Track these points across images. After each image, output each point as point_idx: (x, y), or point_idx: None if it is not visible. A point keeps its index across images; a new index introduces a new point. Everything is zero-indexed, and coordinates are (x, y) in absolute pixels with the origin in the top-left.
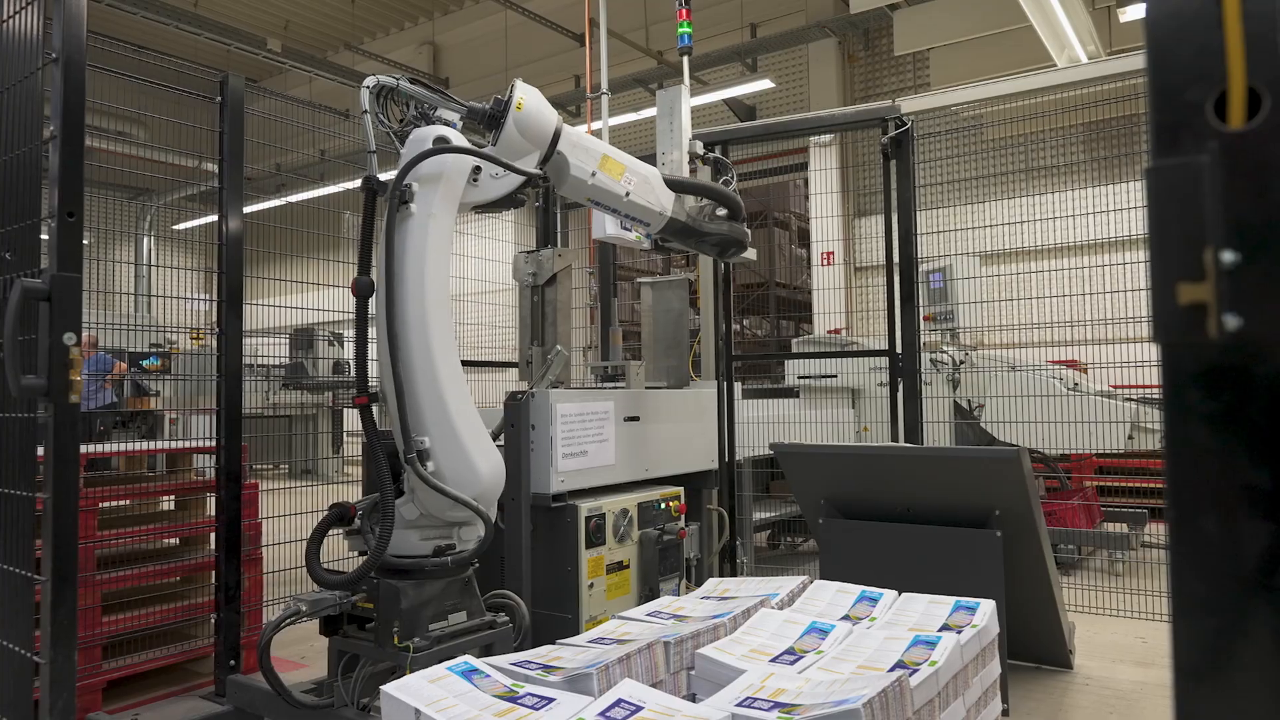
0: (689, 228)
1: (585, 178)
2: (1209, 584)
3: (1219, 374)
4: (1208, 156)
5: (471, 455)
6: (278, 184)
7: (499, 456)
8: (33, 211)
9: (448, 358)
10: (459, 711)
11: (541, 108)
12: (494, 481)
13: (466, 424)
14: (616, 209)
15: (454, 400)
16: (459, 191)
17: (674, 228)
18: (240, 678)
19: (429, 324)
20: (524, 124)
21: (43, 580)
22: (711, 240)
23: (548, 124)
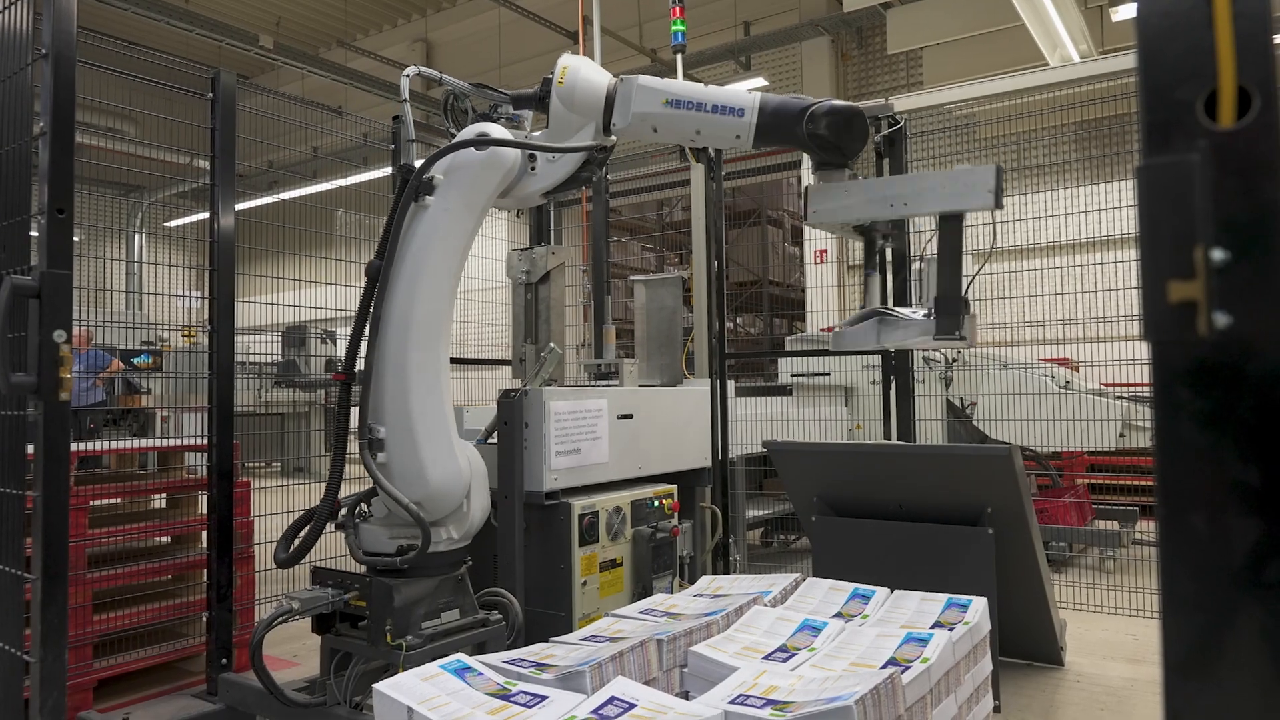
0: (789, 112)
1: (655, 104)
2: (1198, 581)
3: (1209, 372)
4: (1198, 155)
5: (422, 456)
6: (270, 181)
7: (458, 467)
8: (22, 208)
9: (425, 353)
10: (452, 709)
11: (589, 76)
12: (443, 489)
13: (427, 424)
14: (698, 115)
15: (419, 396)
16: (488, 189)
17: (770, 116)
18: (232, 676)
19: (412, 315)
20: (568, 98)
21: (33, 579)
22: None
23: (596, 90)
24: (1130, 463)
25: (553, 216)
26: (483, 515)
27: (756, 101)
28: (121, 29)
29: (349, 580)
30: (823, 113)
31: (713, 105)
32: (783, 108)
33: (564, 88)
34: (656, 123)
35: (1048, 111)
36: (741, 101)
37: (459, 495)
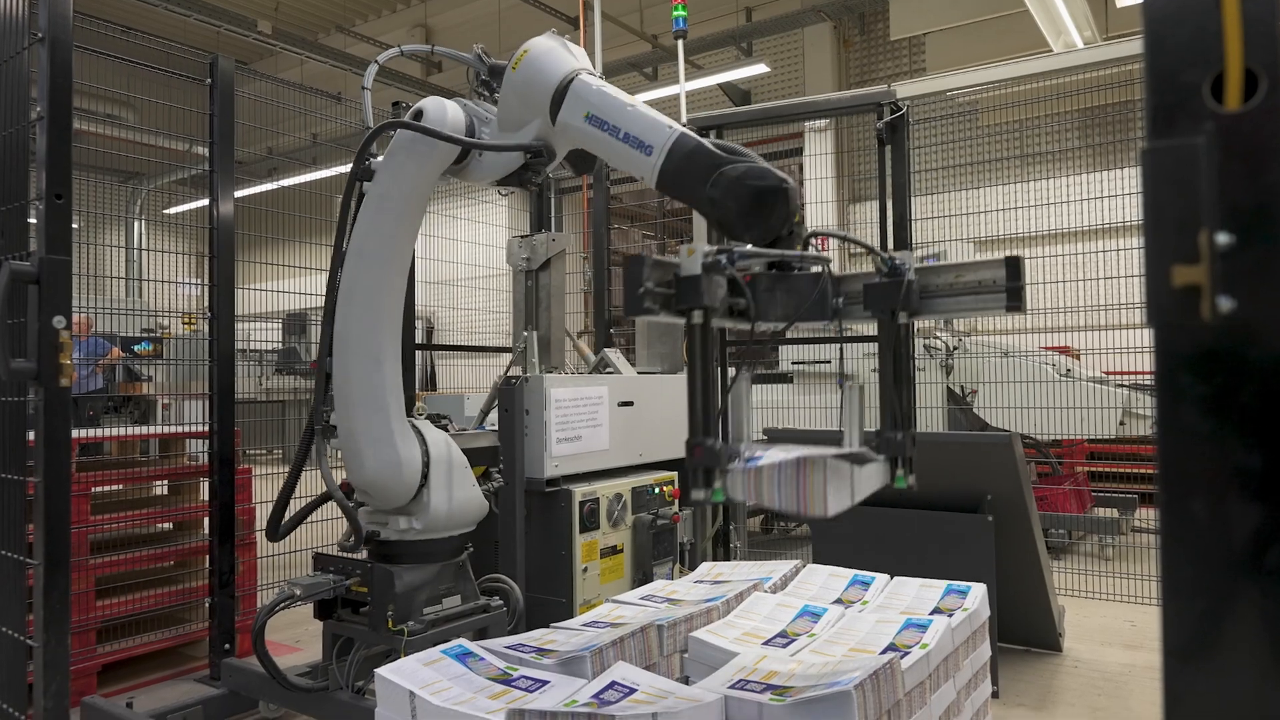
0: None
1: (578, 116)
2: (1199, 566)
3: (1212, 357)
4: (1204, 138)
5: (360, 442)
6: (269, 168)
7: (397, 457)
8: (20, 194)
9: (366, 339)
10: (453, 694)
11: (545, 65)
12: (379, 477)
13: (366, 411)
14: (610, 141)
15: (359, 383)
16: (426, 172)
17: (676, 162)
18: (235, 661)
19: (353, 302)
20: (521, 86)
21: (35, 564)
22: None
23: (547, 84)
24: (1130, 450)
25: (553, 203)
26: (451, 506)
27: (669, 143)
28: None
29: (350, 566)
30: (731, 177)
31: (625, 134)
32: (693, 157)
33: (516, 74)
34: (580, 138)
35: (1051, 98)
36: (654, 138)
37: (400, 485)
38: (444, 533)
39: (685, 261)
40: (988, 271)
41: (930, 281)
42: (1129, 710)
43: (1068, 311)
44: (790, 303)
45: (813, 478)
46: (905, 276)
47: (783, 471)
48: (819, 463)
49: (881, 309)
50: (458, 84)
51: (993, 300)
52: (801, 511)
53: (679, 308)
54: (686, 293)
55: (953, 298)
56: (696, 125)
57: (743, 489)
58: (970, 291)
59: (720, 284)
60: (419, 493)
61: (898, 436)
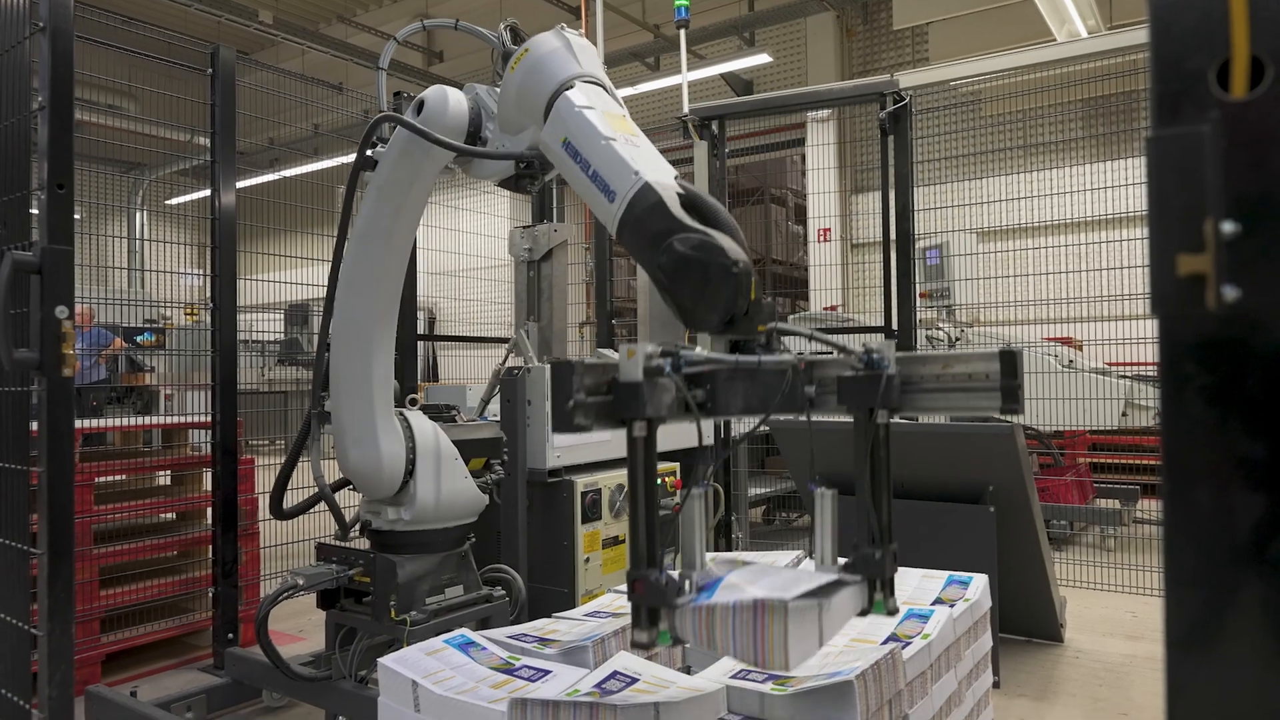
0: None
1: (556, 139)
2: (1202, 556)
3: (1216, 346)
4: (1209, 126)
5: (344, 434)
6: (271, 158)
7: (377, 451)
8: (22, 184)
9: (362, 330)
10: (456, 683)
11: (546, 68)
12: (361, 468)
13: (351, 403)
14: (580, 176)
15: (350, 374)
16: (426, 167)
17: (635, 214)
18: (239, 650)
19: (349, 293)
20: (519, 88)
21: (39, 554)
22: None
23: (544, 90)
24: (1132, 442)
25: (555, 194)
26: (440, 498)
27: (632, 193)
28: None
29: (353, 556)
30: (678, 252)
31: (594, 172)
32: (648, 216)
33: (514, 75)
34: (557, 163)
35: (1055, 88)
36: (618, 183)
37: (380, 478)
38: (434, 524)
39: (624, 365)
40: (980, 364)
41: (914, 372)
42: (1130, 701)
43: (1071, 302)
44: (755, 394)
45: (772, 625)
46: (884, 371)
47: (738, 615)
48: (779, 607)
49: (858, 406)
50: (460, 74)
51: (985, 398)
52: (759, 664)
53: (618, 418)
54: (626, 401)
55: (940, 393)
56: (699, 115)
57: (693, 630)
58: (960, 387)
59: (666, 388)
60: (406, 484)
61: (876, 555)
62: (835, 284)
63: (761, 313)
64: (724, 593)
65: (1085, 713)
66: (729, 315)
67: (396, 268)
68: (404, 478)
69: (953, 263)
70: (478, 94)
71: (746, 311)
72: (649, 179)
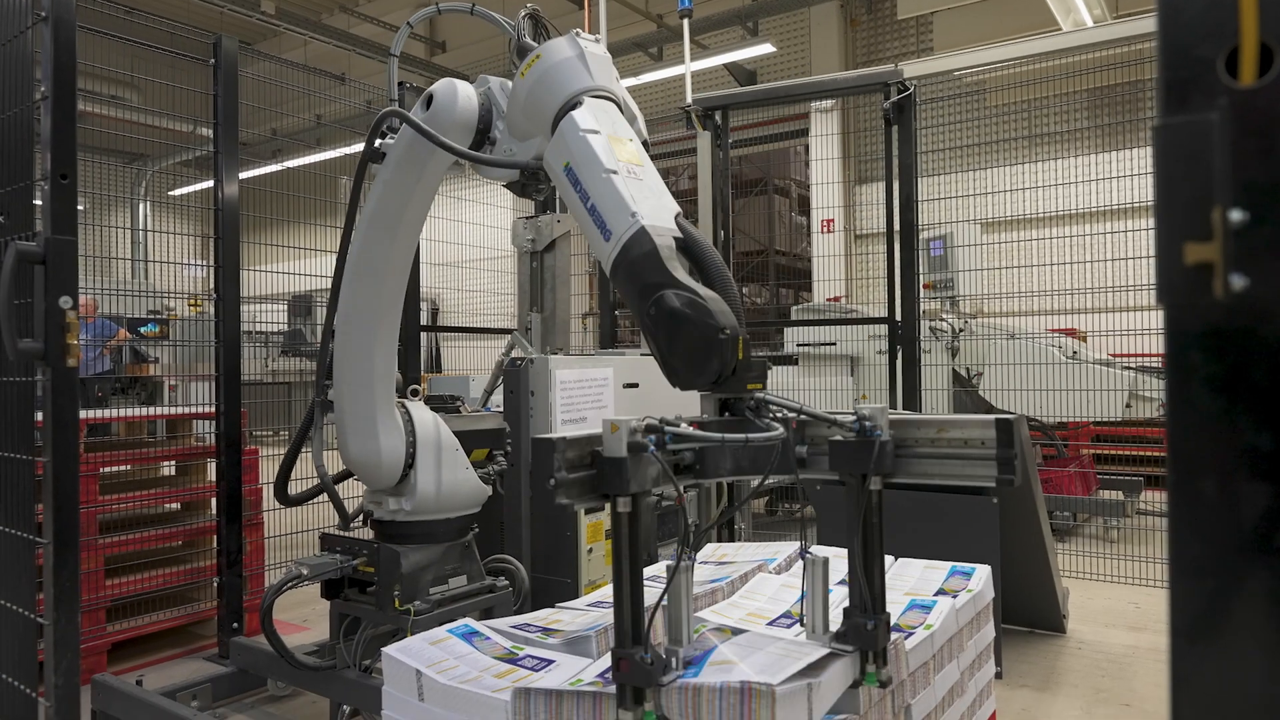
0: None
1: (559, 161)
2: (1208, 546)
3: (1223, 335)
4: (1217, 114)
5: (345, 425)
6: (274, 149)
7: (377, 445)
8: (25, 175)
9: (362, 323)
10: (459, 673)
11: (555, 78)
12: (361, 460)
13: (353, 394)
14: (579, 206)
15: (352, 366)
16: (431, 166)
17: (629, 259)
18: (244, 640)
19: (353, 285)
20: (528, 95)
21: (45, 543)
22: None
23: (554, 100)
24: (1136, 433)
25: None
26: (440, 489)
27: (627, 236)
28: None
29: (357, 546)
30: (667, 308)
31: (592, 205)
32: (640, 265)
33: (524, 81)
34: (558, 185)
35: (1060, 78)
36: (615, 224)
37: (379, 470)
38: (435, 515)
39: (607, 439)
40: (976, 430)
41: (908, 436)
42: (1132, 691)
43: (1075, 294)
44: (745, 456)
45: (759, 710)
46: (877, 438)
47: (725, 697)
48: (765, 693)
49: (850, 472)
50: (463, 64)
51: (981, 467)
52: None
53: (601, 493)
54: (609, 478)
55: (934, 459)
56: (702, 106)
57: (679, 709)
58: (955, 454)
59: (650, 462)
60: (407, 475)
61: (868, 625)
62: (839, 275)
63: (751, 371)
64: (711, 671)
65: (1088, 703)
66: (714, 379)
67: (402, 261)
68: (404, 469)
69: (956, 253)
70: (489, 89)
71: (735, 371)
72: (646, 223)
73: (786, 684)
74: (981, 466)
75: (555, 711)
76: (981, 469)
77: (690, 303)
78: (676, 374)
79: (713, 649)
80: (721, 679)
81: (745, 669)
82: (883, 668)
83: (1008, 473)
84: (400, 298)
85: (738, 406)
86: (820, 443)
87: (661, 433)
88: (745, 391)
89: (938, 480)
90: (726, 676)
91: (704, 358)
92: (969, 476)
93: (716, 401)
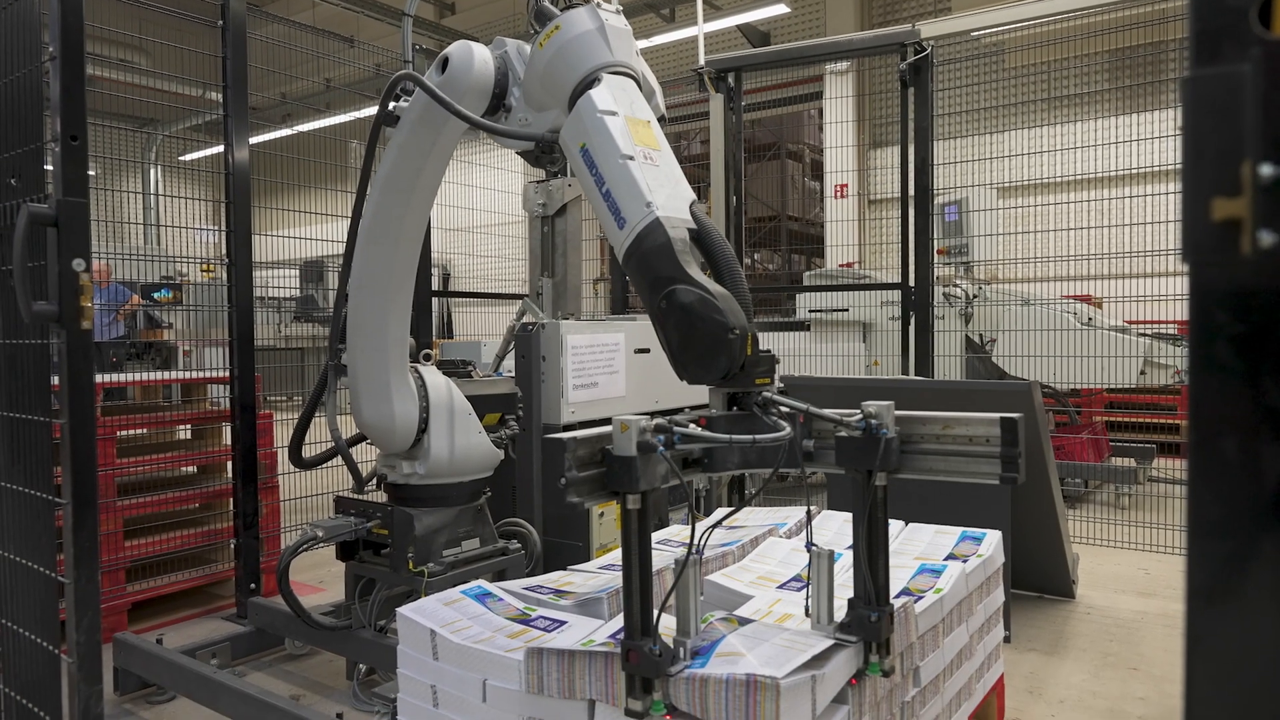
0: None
1: (575, 142)
2: (1227, 507)
3: (1249, 294)
4: (1249, 66)
5: (359, 389)
6: (283, 114)
7: (391, 410)
8: (35, 137)
9: (375, 287)
10: (473, 633)
11: (573, 51)
12: (374, 423)
13: (368, 358)
14: (594, 190)
15: (366, 330)
16: (444, 130)
17: (642, 249)
18: (261, 600)
19: (367, 249)
20: (546, 66)
21: (64, 503)
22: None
23: (573, 74)
24: (1149, 400)
25: None
26: (454, 453)
27: (642, 226)
28: None
29: (371, 509)
30: (679, 303)
31: (607, 191)
32: (653, 257)
33: (543, 52)
34: (573, 165)
35: (1080, 38)
36: (630, 212)
37: (393, 434)
38: (448, 478)
39: (618, 439)
40: (981, 428)
41: (913, 432)
42: (1140, 656)
43: (1091, 259)
44: (752, 453)
45: (764, 702)
46: (882, 435)
47: (731, 689)
48: (770, 686)
49: (856, 468)
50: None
51: (985, 464)
52: None
53: (611, 491)
54: (619, 476)
55: (940, 456)
56: (715, 68)
57: (686, 699)
58: (960, 450)
59: (660, 461)
60: (420, 439)
61: (872, 616)
62: (852, 240)
63: (759, 367)
64: (718, 662)
65: (1095, 667)
66: (722, 376)
67: (416, 226)
68: (418, 433)
69: (971, 219)
70: (506, 52)
71: (743, 367)
72: (660, 214)
73: (791, 676)
74: (986, 464)
75: (567, 671)
76: (986, 466)
77: (701, 300)
78: (685, 369)
79: (720, 639)
80: (728, 671)
81: (752, 660)
82: (886, 658)
83: (1011, 471)
84: (414, 263)
85: (746, 401)
86: (827, 436)
87: (670, 433)
88: (754, 387)
89: (943, 477)
90: (733, 668)
91: (713, 355)
92: (974, 474)
93: (725, 395)
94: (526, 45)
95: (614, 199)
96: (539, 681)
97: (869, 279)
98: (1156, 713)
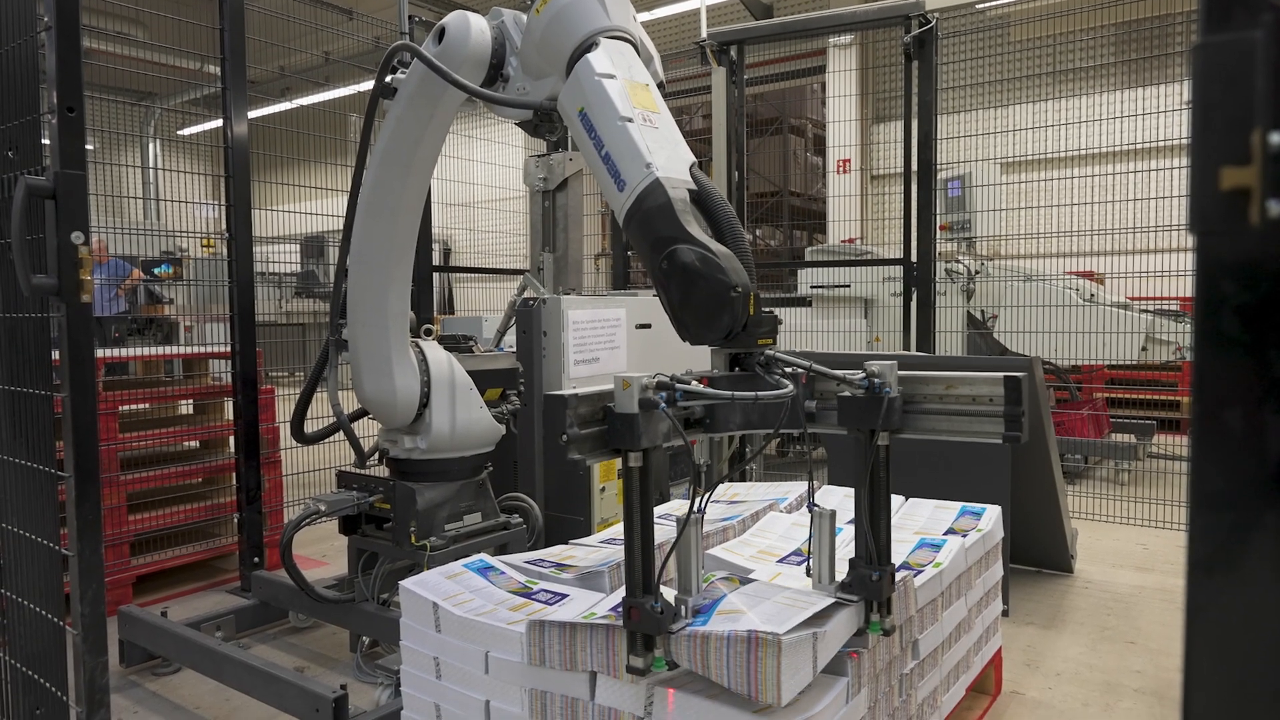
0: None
1: (573, 106)
2: (1229, 478)
3: (1257, 265)
4: (1262, 31)
5: (360, 364)
6: (282, 88)
7: (392, 385)
8: (32, 109)
9: (375, 262)
10: (475, 605)
11: (570, 15)
12: (376, 399)
13: (369, 333)
14: (593, 154)
15: (366, 305)
16: (442, 101)
17: (643, 211)
18: (264, 574)
19: (366, 223)
20: (542, 33)
21: (66, 476)
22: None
23: (570, 39)
24: (1150, 376)
25: None
26: (455, 428)
27: (642, 187)
28: None
29: (373, 483)
30: (680, 262)
31: (606, 154)
32: (654, 217)
33: (540, 18)
34: (572, 130)
35: (1085, 10)
36: (629, 174)
37: (395, 409)
38: (450, 453)
39: (619, 396)
40: (984, 387)
41: (916, 392)
42: (1137, 630)
43: (1094, 235)
44: (755, 411)
45: (765, 659)
46: (885, 394)
47: (732, 646)
48: (772, 642)
49: (858, 427)
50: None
51: (989, 424)
52: (752, 697)
53: (613, 448)
54: (620, 433)
55: (942, 416)
56: (717, 40)
57: (687, 656)
58: (963, 410)
59: (661, 418)
60: (421, 413)
61: (873, 576)
62: (854, 216)
63: (762, 327)
64: (719, 620)
65: (1093, 640)
66: (725, 335)
67: (415, 199)
68: (419, 408)
69: (974, 194)
70: (503, 22)
71: (745, 326)
72: (660, 175)
73: (792, 633)
74: (989, 423)
75: (569, 643)
76: (989, 425)
77: (703, 259)
78: (687, 329)
79: (722, 597)
80: (729, 628)
81: (753, 618)
82: (887, 616)
83: (1015, 430)
84: (413, 236)
85: (748, 361)
86: (830, 397)
87: (672, 390)
88: (756, 347)
89: (945, 436)
90: (734, 625)
91: (715, 314)
92: (976, 433)
93: (727, 356)
94: (523, 16)
95: (613, 161)
96: (541, 653)
97: (871, 255)
98: (1153, 685)
